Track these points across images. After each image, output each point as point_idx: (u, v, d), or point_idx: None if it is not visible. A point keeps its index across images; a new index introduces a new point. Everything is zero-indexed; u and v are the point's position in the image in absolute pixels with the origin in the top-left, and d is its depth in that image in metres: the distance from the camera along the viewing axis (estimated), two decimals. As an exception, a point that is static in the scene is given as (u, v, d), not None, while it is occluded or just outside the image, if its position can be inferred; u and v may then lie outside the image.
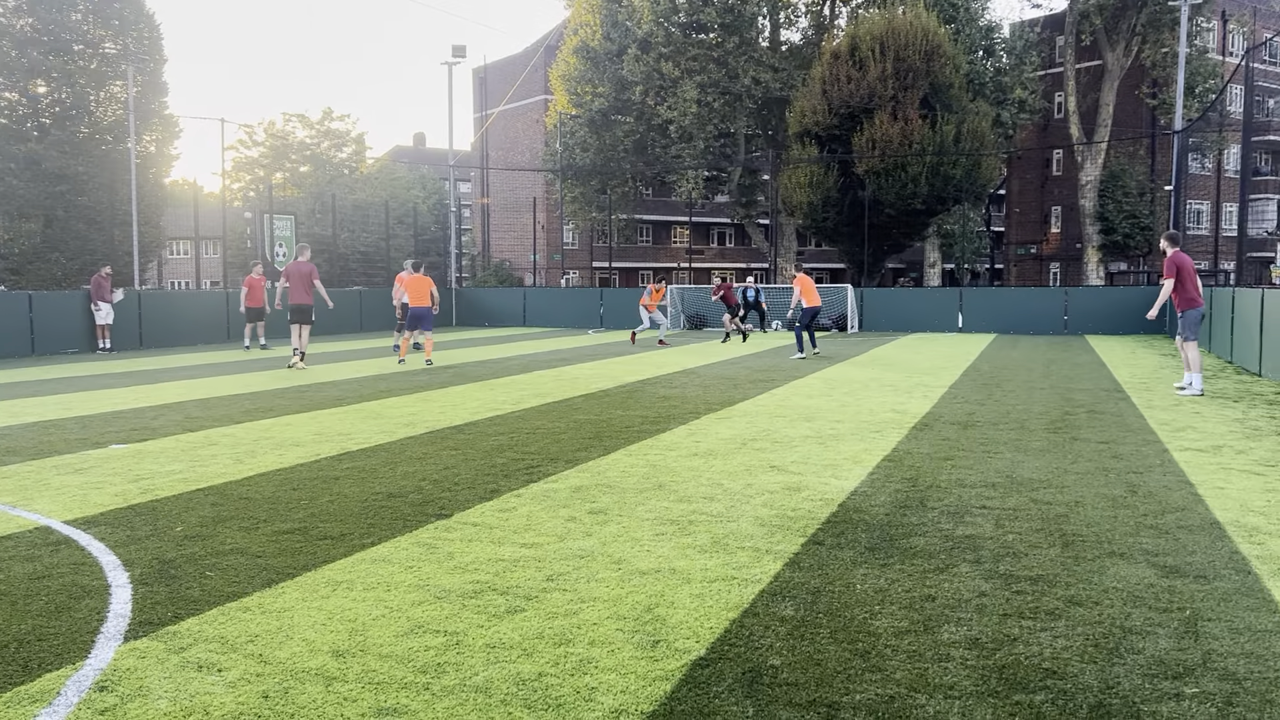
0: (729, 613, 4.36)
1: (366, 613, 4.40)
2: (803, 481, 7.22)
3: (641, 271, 66.39)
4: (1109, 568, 4.99)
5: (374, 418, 10.80)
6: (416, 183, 56.80)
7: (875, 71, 34.32)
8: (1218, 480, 7.18)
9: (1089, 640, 3.99)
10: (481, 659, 3.85)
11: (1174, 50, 39.09)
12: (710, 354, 20.41)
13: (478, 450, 8.65)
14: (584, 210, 45.73)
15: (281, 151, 51.51)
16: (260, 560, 5.23)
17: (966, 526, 5.85)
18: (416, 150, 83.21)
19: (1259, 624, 4.17)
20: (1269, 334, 14.53)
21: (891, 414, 10.92)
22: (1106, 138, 45.31)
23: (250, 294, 22.68)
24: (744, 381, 14.60)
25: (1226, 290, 18.63)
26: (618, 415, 10.93)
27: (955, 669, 3.71)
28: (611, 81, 40.95)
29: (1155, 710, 3.34)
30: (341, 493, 6.90)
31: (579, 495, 6.79)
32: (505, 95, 59.15)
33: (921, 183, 34.17)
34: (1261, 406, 11.43)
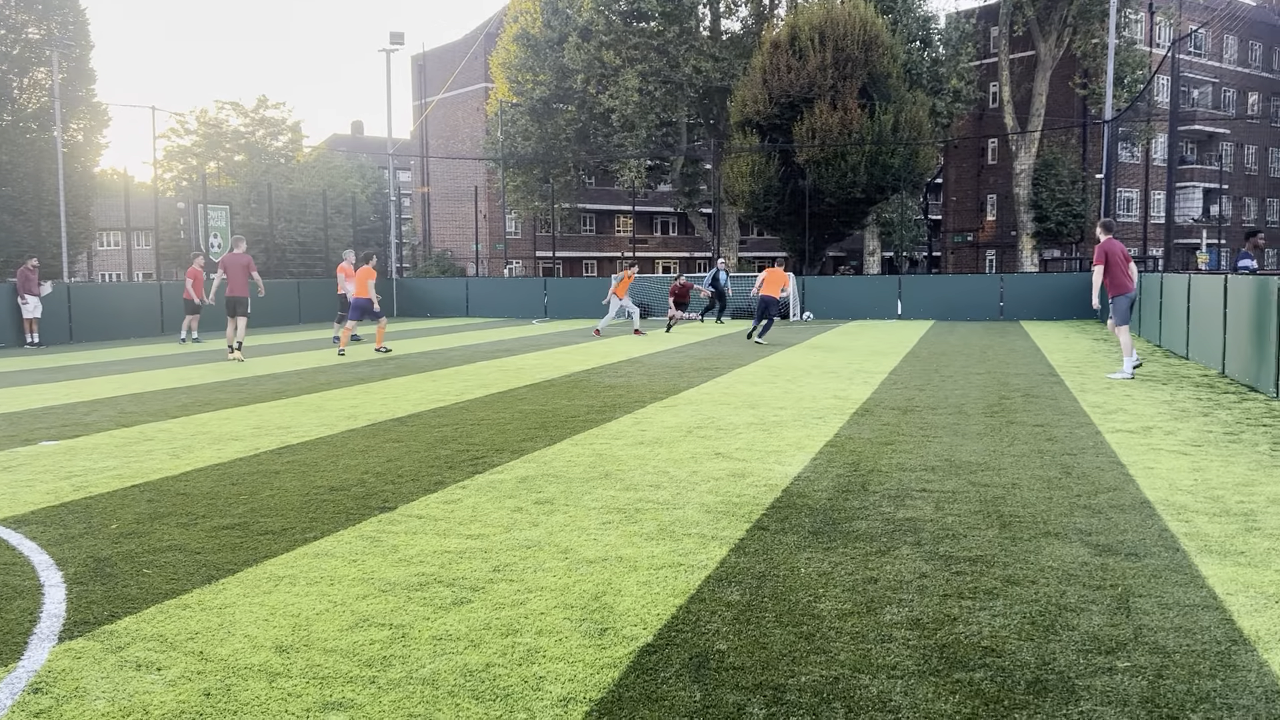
0: (676, 599, 4.39)
1: (310, 607, 4.35)
2: (747, 468, 7.28)
3: (585, 261, 66.27)
4: (1045, 547, 5.12)
5: (314, 410, 10.65)
6: (355, 171, 56.00)
7: (815, 61, 34.59)
8: (1147, 460, 7.39)
9: (1026, 618, 4.09)
10: (428, 651, 3.83)
11: (1104, 41, 39.97)
12: (656, 343, 20.46)
13: (421, 442, 8.58)
14: (527, 199, 45.49)
15: (215, 140, 50.40)
16: (199, 557, 5.14)
17: (907, 509, 5.95)
18: (355, 139, 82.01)
19: (1187, 599, 4.31)
20: (1195, 318, 14.97)
21: (833, 400, 11.05)
22: (1040, 127, 46.21)
23: (193, 286, 22.16)
24: (689, 370, 14.66)
25: (1155, 276, 19.15)
26: (563, 405, 10.91)
27: (897, 649, 3.78)
28: (553, 69, 40.74)
29: (1089, 685, 3.44)
30: (282, 487, 6.80)
31: (525, 485, 6.78)
32: (445, 83, 58.53)
33: (861, 172, 34.56)
34: (1189, 389, 11.77)
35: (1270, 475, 6.87)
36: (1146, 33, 50.62)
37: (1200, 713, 3.22)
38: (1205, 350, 14.28)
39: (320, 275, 40.33)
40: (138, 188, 49.18)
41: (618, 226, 68.15)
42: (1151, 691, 3.38)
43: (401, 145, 57.42)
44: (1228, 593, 4.39)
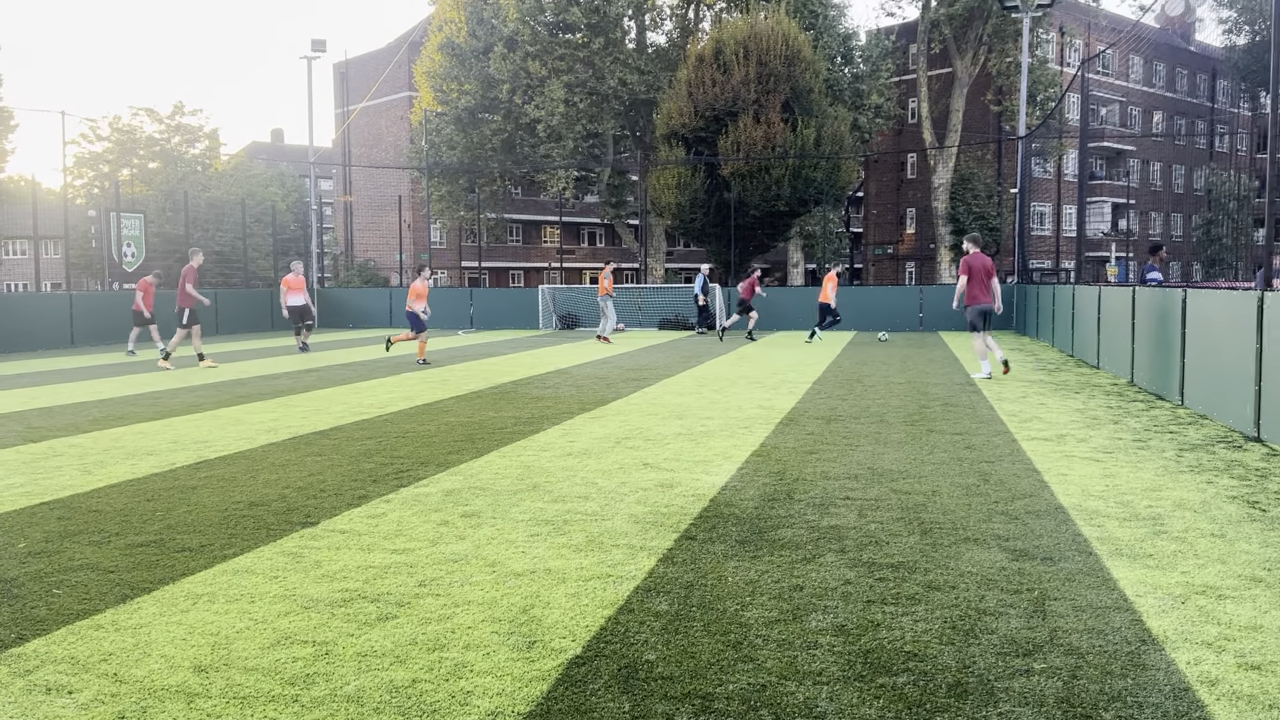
0: (605, 610, 4.39)
1: (230, 625, 4.24)
2: (675, 478, 7.32)
3: (512, 271, 65.93)
4: (964, 553, 5.24)
5: (233, 424, 10.40)
6: (275, 180, 54.89)
7: (739, 75, 35.01)
8: (1061, 467, 7.62)
9: (947, 623, 4.18)
10: (353, 668, 3.77)
11: (1017, 60, 41.24)
12: (583, 353, 20.45)
13: (344, 455, 8.44)
14: (452, 209, 45.12)
15: (129, 147, 49.00)
16: (113, 575, 4.98)
17: (831, 517, 6.04)
18: (275, 146, 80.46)
19: (1099, 601, 4.46)
20: (1105, 329, 15.49)
21: (759, 410, 11.17)
22: (957, 143, 47.43)
23: (146, 297, 21.44)
24: (617, 380, 14.68)
25: (1067, 288, 19.77)
26: (490, 417, 10.83)
27: (823, 656, 3.84)
28: (478, 79, 40.52)
29: (1008, 686, 3.53)
30: (200, 503, 6.63)
31: (451, 499, 6.71)
32: (368, 91, 57.79)
33: (784, 185, 35.05)
34: (1100, 397, 12.17)
35: (1176, 480, 7.14)
36: (1057, 52, 52.35)
37: (1113, 711, 3.33)
38: (1115, 360, 14.78)
39: (238, 285, 39.43)
40: (46, 195, 47.55)
41: (545, 237, 67.99)
42: (1067, 692, 3.48)
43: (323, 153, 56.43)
44: (1137, 594, 4.55)
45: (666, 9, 44.16)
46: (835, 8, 43.00)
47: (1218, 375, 10.02)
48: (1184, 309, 11.07)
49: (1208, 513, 6.13)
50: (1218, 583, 4.72)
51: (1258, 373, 8.81)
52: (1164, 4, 51.46)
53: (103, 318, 25.77)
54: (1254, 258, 51.41)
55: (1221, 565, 5.01)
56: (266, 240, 42.50)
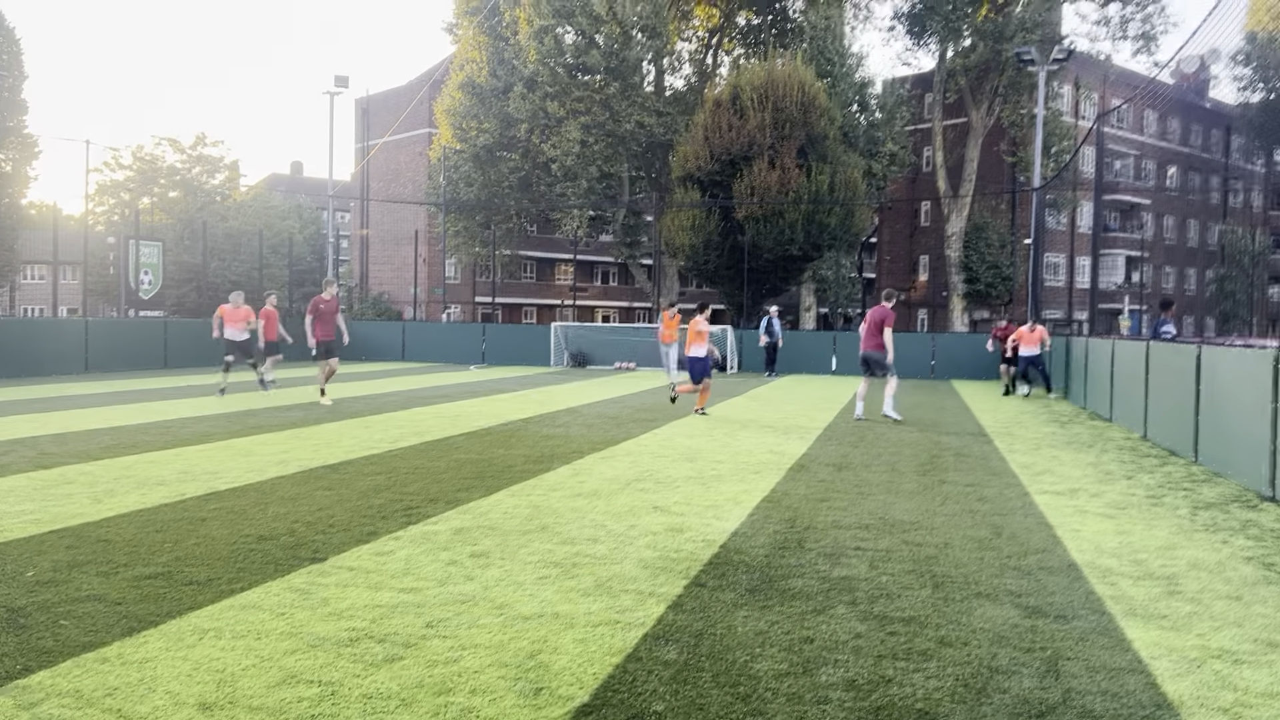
0: (612, 658, 4.35)
1: (235, 662, 4.22)
2: (685, 522, 7.28)
3: (525, 307, 66.18)
4: (976, 608, 5.19)
5: (244, 455, 10.41)
6: (293, 212, 55.42)
7: (755, 120, 35.32)
8: (1074, 523, 7.56)
9: (959, 680, 4.13)
10: (358, 710, 3.74)
11: (1031, 112, 41.48)
12: (594, 392, 20.44)
13: (353, 490, 8.43)
14: (467, 245, 45.44)
15: (150, 176, 49.58)
16: (120, 607, 4.97)
17: (843, 568, 5.99)
18: (294, 179, 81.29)
19: (1113, 662, 4.40)
20: (1119, 382, 15.42)
21: (770, 455, 11.13)
22: (971, 192, 47.63)
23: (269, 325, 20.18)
24: (627, 420, 14.66)
25: (1080, 340, 19.72)
26: (500, 454, 10.82)
27: (833, 711, 3.79)
28: (497, 118, 40.97)
29: (1021, 748, 3.48)
30: (209, 535, 6.62)
31: (460, 537, 6.69)
32: (389, 127, 58.45)
33: (798, 229, 35.22)
34: (1113, 451, 12.09)
35: (1190, 539, 7.07)
36: (1072, 105, 52.67)
37: (1128, 778, 3.27)
38: (1128, 414, 14.70)
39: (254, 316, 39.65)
40: (66, 221, 48.06)
41: (558, 274, 68.29)
42: (1081, 756, 3.43)
43: (342, 187, 56.97)
44: (1152, 656, 4.49)
45: (685, 54, 44.70)
46: (853, 56, 43.41)
47: (1232, 433, 9.95)
48: (1198, 365, 11.02)
49: (1223, 573, 6.07)
50: (1234, 646, 4.66)
51: (1273, 432, 8.74)
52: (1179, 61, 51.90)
53: (118, 344, 25.94)
54: (1267, 314, 51.29)
55: (1238, 629, 4.94)
56: (283, 271, 42.80)
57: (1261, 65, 56.71)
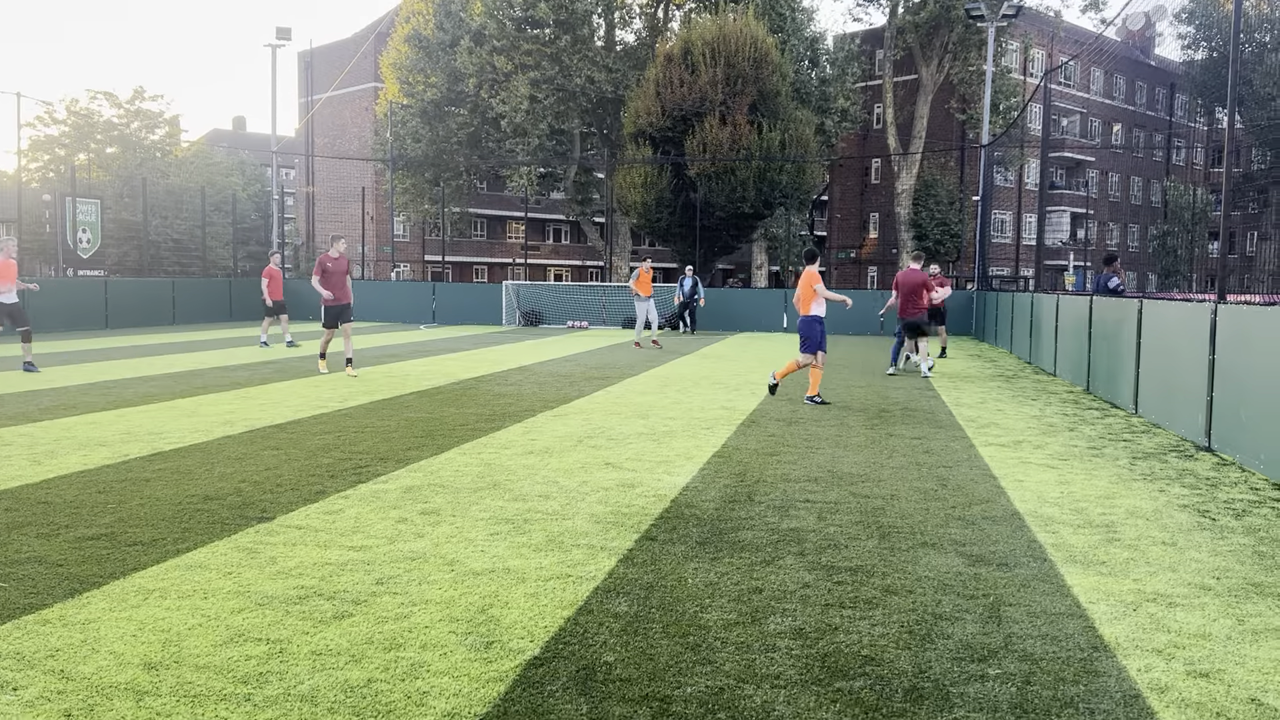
0: (564, 611, 4.37)
1: (181, 622, 4.17)
2: (637, 478, 7.31)
3: (476, 266, 65.59)
4: (922, 558, 5.28)
5: (188, 415, 10.25)
6: (236, 168, 54.14)
7: (707, 76, 35.11)
8: (1018, 474, 7.71)
9: (904, 627, 4.22)
10: (307, 667, 3.72)
11: (981, 69, 41.69)
12: (546, 350, 20.38)
13: (302, 450, 8.35)
14: (416, 202, 44.79)
15: (86, 131, 48.10)
16: (61, 569, 4.88)
17: (791, 520, 6.06)
18: (236, 134, 79.37)
19: (1053, 608, 4.51)
20: (1063, 337, 15.71)
21: (721, 411, 11.19)
22: (921, 149, 47.89)
23: (273, 285, 20.44)
24: (580, 379, 14.65)
25: (1025, 296, 20.03)
26: (451, 413, 10.76)
27: (781, 659, 3.85)
28: (444, 72, 40.26)
29: (963, 691, 3.56)
30: (153, 495, 6.52)
31: (410, 496, 6.66)
32: (333, 81, 57.21)
33: (750, 187, 35.20)
34: (1056, 404, 12.34)
35: (1129, 488, 7.25)
36: (1021, 63, 53.01)
37: (1065, 717, 3.37)
38: (1071, 367, 14.99)
39: (196, 274, 38.86)
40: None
41: (509, 232, 67.69)
42: (1020, 697, 3.52)
43: (286, 143, 55.82)
44: (1090, 601, 4.61)
45: (636, 7, 44.16)
46: (803, 11, 43.23)
47: (1171, 385, 10.19)
48: (1140, 319, 11.25)
49: (1159, 521, 6.24)
50: (1168, 590, 4.80)
51: (1209, 383, 8.97)
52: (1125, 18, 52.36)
53: (57, 304, 25.27)
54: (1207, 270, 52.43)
55: (1172, 573, 5.09)
56: (226, 229, 41.93)
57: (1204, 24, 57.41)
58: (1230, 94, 9.50)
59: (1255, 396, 7.99)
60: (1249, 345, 8.18)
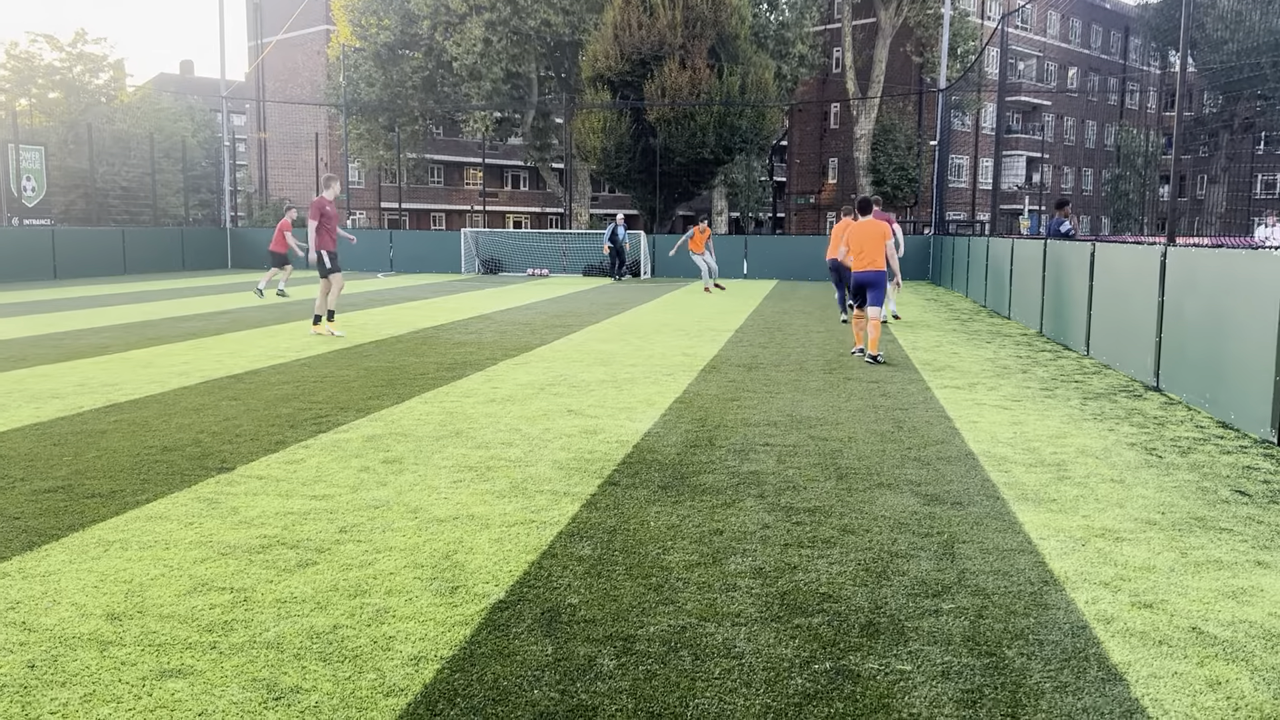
0: (528, 555, 4.42)
1: (144, 573, 4.17)
2: (599, 425, 7.36)
3: (434, 213, 64.81)
4: (878, 498, 5.39)
5: (143, 367, 10.11)
6: (185, 114, 52.77)
7: (665, 19, 34.68)
8: (972, 415, 7.86)
9: (860, 565, 4.32)
10: (272, 614, 3.74)
11: (939, 12, 41.52)
12: (506, 299, 20.28)
13: (260, 400, 8.28)
14: (371, 148, 44.05)
15: (26, 76, 46.53)
16: (19, 522, 4.84)
17: (751, 463, 6.15)
18: (184, 79, 77.24)
19: (1005, 544, 4.64)
20: (1017, 281, 15.91)
21: (682, 357, 11.25)
22: (879, 94, 47.77)
23: (277, 239, 20.14)
24: (541, 327, 14.62)
25: (981, 240, 20.22)
26: (411, 362, 10.71)
27: (741, 598, 3.93)
28: (398, 14, 39.39)
29: (918, 626, 3.67)
30: (110, 447, 6.45)
31: (372, 445, 6.65)
32: (284, 23, 55.71)
33: (709, 132, 35.00)
34: (1010, 347, 12.54)
35: (1080, 428, 7.42)
36: (978, 5, 52.89)
37: (1016, 649, 3.49)
38: (1025, 310, 15.21)
39: (146, 223, 38.03)
40: (-65, 124, 45.00)
41: (467, 179, 66.88)
42: (973, 630, 3.63)
43: (235, 87, 54.40)
44: (1040, 537, 4.74)
45: (593, -53, 43.32)
46: (762, -47, 42.71)
47: (1122, 327, 10.39)
48: (1092, 262, 11.42)
49: (1108, 459, 6.40)
50: (1115, 526, 4.95)
51: (1159, 324, 9.16)
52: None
53: (2, 254, 24.66)
54: (1158, 213, 53.16)
55: (1119, 509, 5.24)
56: (177, 177, 41.00)
57: (1160, -34, 57.54)
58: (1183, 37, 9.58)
59: (1201, 337, 8.18)
60: (1196, 287, 8.35)
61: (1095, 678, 3.27)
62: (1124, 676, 3.29)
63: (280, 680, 3.20)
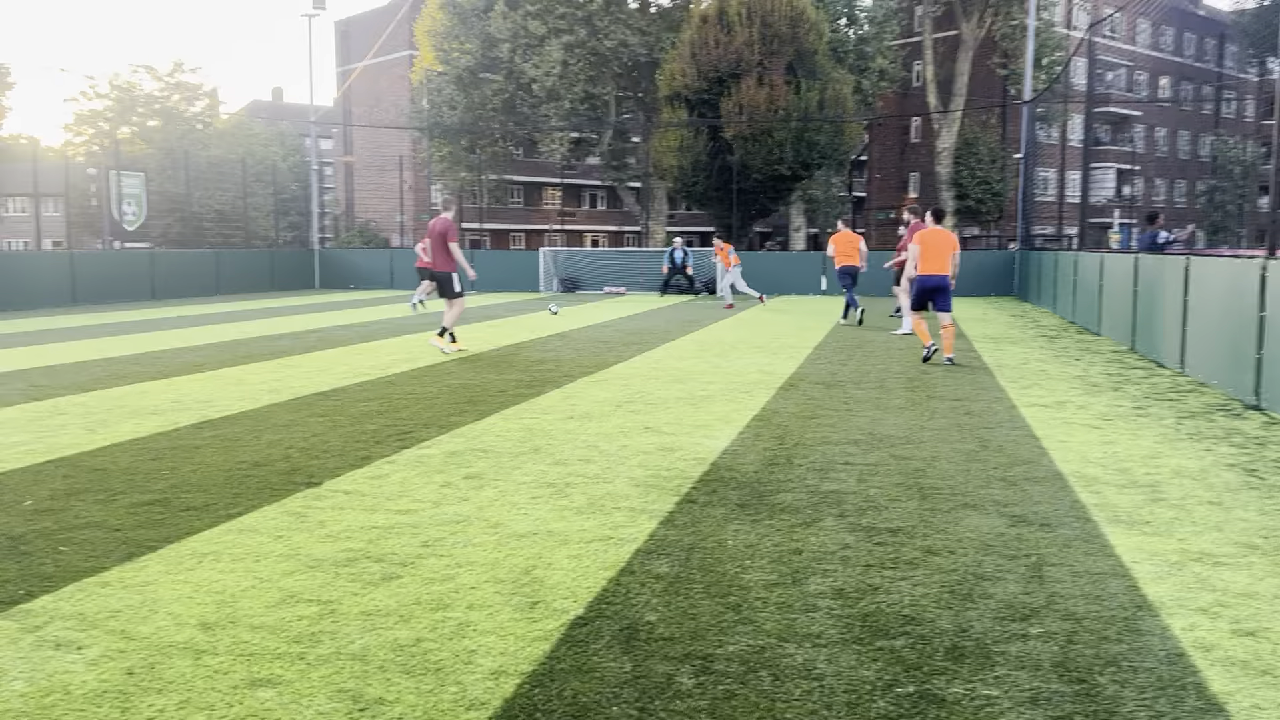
0: (606, 572, 4.43)
1: (235, 584, 4.29)
2: (676, 442, 7.35)
3: (513, 233, 65.70)
4: (963, 518, 5.28)
5: (235, 384, 10.43)
6: (275, 139, 54.57)
7: (742, 36, 34.68)
8: (1060, 434, 7.65)
9: (945, 587, 4.23)
10: (357, 627, 3.82)
11: (1023, 23, 40.77)
12: (585, 317, 20.44)
13: (347, 416, 8.48)
14: (452, 170, 44.86)
15: (128, 104, 48.67)
16: (119, 533, 5.03)
17: (831, 482, 6.08)
18: (275, 105, 79.82)
19: (1096, 568, 4.50)
20: (1107, 296, 15.47)
21: (760, 374, 11.19)
22: (961, 107, 47.02)
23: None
24: (617, 344, 14.69)
25: (1069, 254, 19.71)
26: (491, 379, 10.86)
27: (822, 619, 3.88)
28: (479, 38, 40.13)
29: (1004, 650, 3.58)
30: (204, 462, 6.67)
31: (454, 460, 6.75)
32: (369, 49, 57.21)
33: (787, 148, 34.83)
34: (1100, 364, 12.19)
35: (1174, 448, 7.17)
36: (1065, 15, 51.78)
37: (1108, 675, 3.37)
38: (1116, 326, 14.77)
39: (238, 245, 39.32)
40: (45, 153, 47.27)
41: (545, 198, 67.64)
42: (1063, 656, 3.53)
43: (324, 113, 56.02)
44: (1134, 561, 4.59)
45: (670, -32, 43.60)
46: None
47: (1219, 343, 10.02)
48: (1186, 276, 11.05)
49: (1205, 480, 6.17)
50: (1214, 550, 4.76)
51: (1259, 341, 8.81)
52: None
53: (104, 276, 25.74)
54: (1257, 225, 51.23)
55: (1218, 532, 5.05)
56: (267, 200, 42.33)
57: (1257, -30, 55.64)
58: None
59: (1306, 354, 7.83)
60: (1300, 302, 8.01)
61: (1193, 708, 3.15)
62: (1224, 707, 3.16)
63: (365, 692, 3.26)
